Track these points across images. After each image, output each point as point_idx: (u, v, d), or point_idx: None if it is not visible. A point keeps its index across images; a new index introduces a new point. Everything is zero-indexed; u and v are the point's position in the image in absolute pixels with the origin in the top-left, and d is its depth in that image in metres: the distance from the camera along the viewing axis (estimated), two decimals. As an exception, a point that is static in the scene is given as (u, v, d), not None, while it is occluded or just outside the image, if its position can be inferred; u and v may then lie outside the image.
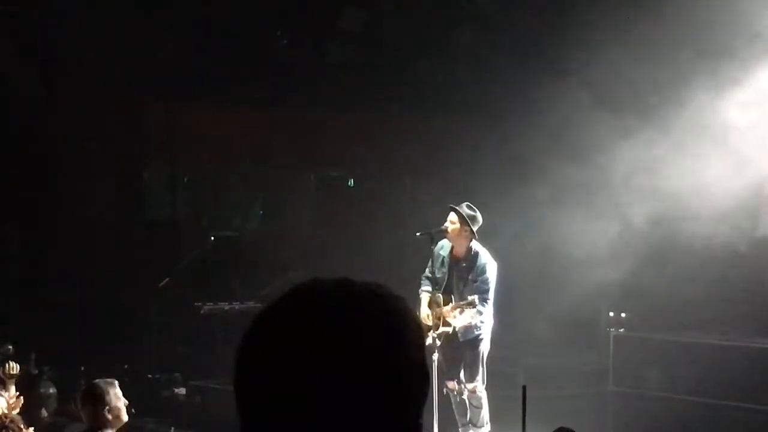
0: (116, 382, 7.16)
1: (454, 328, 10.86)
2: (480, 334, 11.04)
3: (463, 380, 11.17)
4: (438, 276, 11.06)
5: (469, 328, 10.93)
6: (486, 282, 10.86)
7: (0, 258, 14.59)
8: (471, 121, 17.40)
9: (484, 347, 11.10)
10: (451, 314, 10.77)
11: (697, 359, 14.84)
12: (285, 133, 17.38)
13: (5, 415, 7.39)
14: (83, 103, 15.05)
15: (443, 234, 10.99)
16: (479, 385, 11.12)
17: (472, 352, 11.07)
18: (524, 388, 6.12)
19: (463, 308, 10.70)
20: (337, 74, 16.61)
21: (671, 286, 15.21)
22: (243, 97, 16.58)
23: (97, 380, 7.18)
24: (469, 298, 10.69)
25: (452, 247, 11.06)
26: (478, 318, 10.81)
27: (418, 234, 11.07)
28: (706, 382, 14.35)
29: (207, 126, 16.93)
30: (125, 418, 7.02)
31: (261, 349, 1.71)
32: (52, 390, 13.09)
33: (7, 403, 8.10)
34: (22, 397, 8.45)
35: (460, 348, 11.06)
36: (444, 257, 11.09)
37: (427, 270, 11.17)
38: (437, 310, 10.83)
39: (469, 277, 10.93)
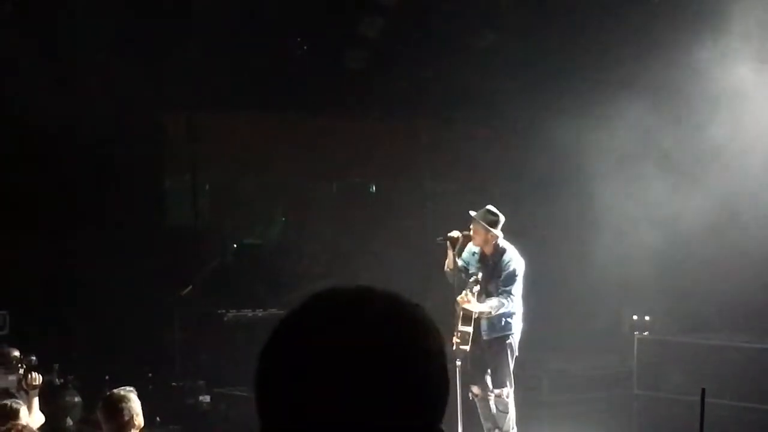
0: (133, 390, 7.20)
1: (476, 320, 10.76)
2: (506, 335, 10.99)
3: (489, 385, 11.12)
4: (471, 272, 11.05)
5: (492, 327, 10.89)
6: (511, 277, 10.85)
7: (21, 267, 14.65)
8: (492, 127, 17.39)
9: (511, 350, 11.06)
10: (465, 299, 10.66)
11: (721, 362, 14.77)
12: (306, 140, 17.40)
13: (23, 426, 7.41)
14: (105, 110, 15.10)
15: (465, 238, 10.98)
16: (506, 390, 11.07)
17: (498, 356, 11.01)
18: (703, 391, 5.81)
19: (478, 294, 10.67)
20: (357, 81, 16.63)
21: (695, 289, 15.16)
22: (263, 105, 16.62)
23: (114, 390, 7.21)
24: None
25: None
26: (497, 307, 10.75)
27: (439, 240, 11.06)
28: (731, 384, 14.29)
29: (228, 133, 16.98)
30: (142, 423, 7.07)
31: (282, 356, 1.72)
32: (77, 399, 13.17)
33: (29, 413, 8.13)
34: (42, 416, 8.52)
35: (486, 351, 11.02)
36: (476, 255, 11.09)
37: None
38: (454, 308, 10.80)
39: (496, 273, 10.92)
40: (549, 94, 15.00)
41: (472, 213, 11.01)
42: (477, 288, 10.82)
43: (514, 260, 10.92)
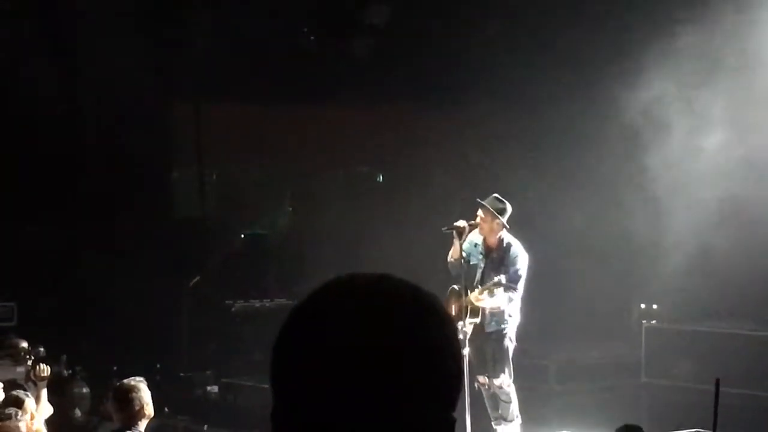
0: (143, 380, 7.22)
1: (483, 311, 10.79)
2: (504, 329, 11.01)
3: (491, 375, 11.14)
4: (472, 263, 11.04)
5: (494, 319, 10.91)
6: (518, 272, 10.86)
7: (29, 260, 14.67)
8: (499, 113, 17.35)
9: (509, 342, 11.07)
10: (480, 297, 10.70)
11: (729, 350, 14.76)
12: (313, 130, 17.39)
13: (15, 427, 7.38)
14: (111, 101, 15.11)
15: (471, 228, 10.96)
16: (506, 380, 11.08)
17: (497, 347, 11.04)
18: (717, 381, 5.74)
19: (492, 289, 10.66)
20: (363, 69, 16.61)
21: (703, 277, 15.14)
22: (271, 94, 16.60)
23: (124, 380, 7.23)
24: (496, 279, 10.65)
25: (484, 238, 11.05)
26: (506, 302, 10.76)
27: (445, 229, 11.03)
28: (739, 372, 14.27)
29: (235, 123, 16.96)
30: (152, 413, 7.10)
31: (298, 345, 1.72)
32: (85, 390, 13.19)
33: (37, 404, 8.13)
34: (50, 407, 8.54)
35: (486, 342, 11.04)
36: (478, 246, 11.07)
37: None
38: (459, 301, 10.79)
39: (501, 268, 10.91)
40: (558, 83, 14.96)
41: (480, 200, 11.00)
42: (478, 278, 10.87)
43: (521, 256, 10.92)
